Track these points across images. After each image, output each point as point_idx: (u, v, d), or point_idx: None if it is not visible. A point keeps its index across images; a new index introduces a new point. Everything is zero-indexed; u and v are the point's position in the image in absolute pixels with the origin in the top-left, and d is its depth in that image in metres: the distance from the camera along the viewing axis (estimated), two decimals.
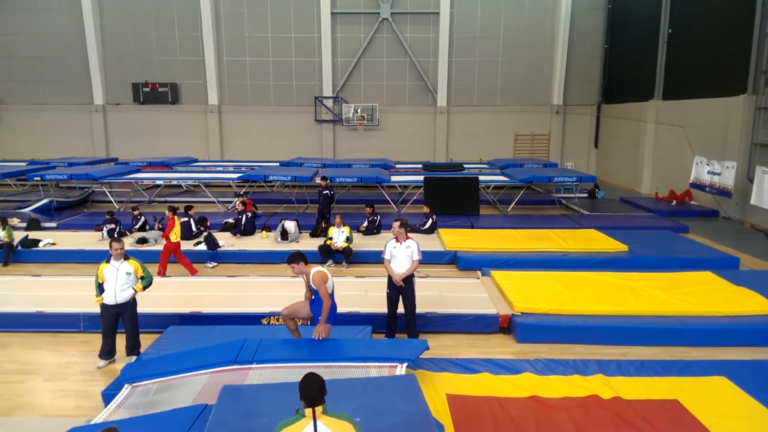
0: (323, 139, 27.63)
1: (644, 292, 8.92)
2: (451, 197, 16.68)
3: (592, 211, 17.82)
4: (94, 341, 7.73)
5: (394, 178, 18.87)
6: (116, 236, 12.59)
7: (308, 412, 3.36)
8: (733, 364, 6.71)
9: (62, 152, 25.94)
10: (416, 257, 7.59)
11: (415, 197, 18.36)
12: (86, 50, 26.42)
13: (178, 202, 19.30)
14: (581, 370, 6.42)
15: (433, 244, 12.59)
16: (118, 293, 6.96)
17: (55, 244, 12.71)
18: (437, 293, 9.14)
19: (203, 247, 12.15)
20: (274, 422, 3.55)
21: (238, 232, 13.62)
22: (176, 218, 10.89)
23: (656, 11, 21.49)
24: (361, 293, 9.21)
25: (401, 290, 7.58)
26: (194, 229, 13.02)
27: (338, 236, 11.87)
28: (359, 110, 26.90)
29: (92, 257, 11.72)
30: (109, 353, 7.20)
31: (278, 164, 22.17)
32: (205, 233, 12.55)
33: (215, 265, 11.87)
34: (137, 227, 13.83)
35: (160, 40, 26.82)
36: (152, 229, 13.50)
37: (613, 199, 20.51)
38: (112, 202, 18.32)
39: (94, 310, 7.99)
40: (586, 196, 20.50)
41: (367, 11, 26.46)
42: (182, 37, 26.78)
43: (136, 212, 14.17)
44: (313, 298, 6.60)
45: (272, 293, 9.21)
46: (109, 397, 5.91)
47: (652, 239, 12.96)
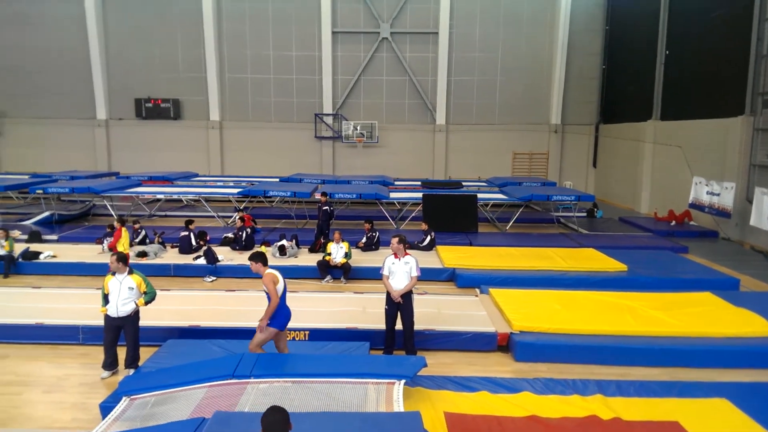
0: (323, 155, 27.80)
1: (644, 312, 8.90)
2: (449, 214, 16.70)
3: (590, 230, 17.83)
4: (93, 354, 7.74)
5: (393, 194, 18.92)
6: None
7: None
8: (733, 386, 6.68)
9: (64, 166, 26.13)
10: (415, 273, 7.62)
11: (413, 214, 18.42)
12: (90, 65, 26.70)
13: (178, 216, 19.41)
14: (580, 390, 6.41)
15: (431, 261, 12.60)
16: (119, 306, 6.99)
17: (55, 256, 12.73)
18: (436, 310, 9.14)
19: (203, 261, 12.19)
20: None
21: (237, 246, 13.66)
22: (124, 230, 10.89)
23: (654, 32, 21.76)
24: (359, 309, 9.20)
25: (400, 306, 7.58)
26: (194, 243, 13.11)
27: (337, 252, 11.89)
28: (359, 127, 27.13)
29: (92, 270, 11.80)
30: (111, 365, 7.21)
31: (278, 180, 22.26)
32: (204, 247, 12.62)
33: (214, 279, 11.88)
34: (137, 241, 13.84)
35: (163, 56, 27.12)
36: (152, 242, 13.54)
37: (611, 218, 20.53)
38: (113, 215, 18.35)
39: (93, 322, 8.04)
40: (584, 215, 20.55)
41: (367, 31, 26.79)
42: (185, 54, 27.09)
43: (137, 225, 14.21)
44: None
45: None
46: (107, 409, 5.89)
47: (651, 259, 12.94)
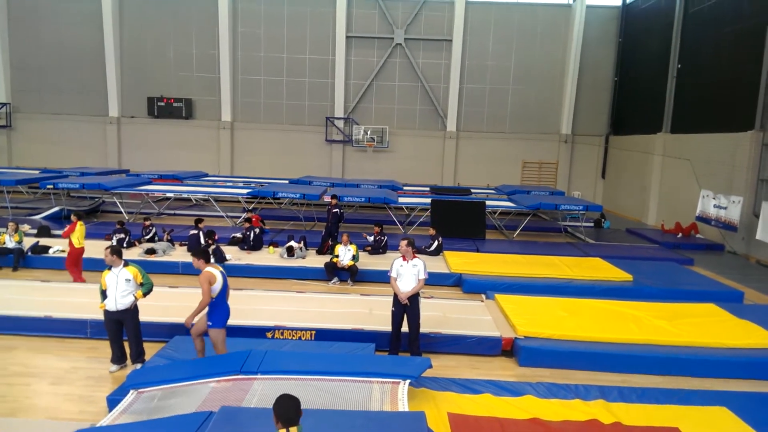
0: (333, 158, 27.93)
1: (647, 321, 8.93)
2: (457, 221, 16.77)
3: (597, 240, 17.83)
4: (100, 347, 7.85)
5: (401, 199, 18.99)
6: (126, 246, 12.89)
7: None
8: (734, 395, 6.74)
9: (75, 162, 26.37)
10: (422, 276, 7.69)
11: (421, 219, 18.50)
12: (104, 62, 26.96)
13: (187, 215, 19.55)
14: (582, 394, 6.45)
15: (438, 266, 12.66)
16: (118, 299, 7.06)
17: (64, 251, 12.81)
18: (441, 314, 9.18)
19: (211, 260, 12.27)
20: None
21: (245, 246, 13.76)
22: (79, 223, 10.99)
23: (666, 46, 21.81)
24: (365, 311, 9.26)
25: (406, 308, 7.65)
26: (203, 242, 13.19)
27: (344, 254, 11.96)
28: (369, 132, 27.25)
29: (100, 266, 11.67)
30: (120, 359, 7.31)
31: (288, 182, 22.39)
32: (213, 246, 12.70)
33: None
34: (147, 238, 13.97)
35: (177, 56, 27.39)
36: (161, 240, 13.66)
37: (619, 229, 20.52)
38: (122, 212, 18.55)
39: (100, 317, 8.08)
40: (592, 225, 20.55)
41: (381, 36, 26.96)
42: (199, 54, 27.35)
43: (147, 223, 14.34)
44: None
45: (277, 307, 9.31)
46: (114, 402, 5.98)
47: (656, 270, 12.97)
